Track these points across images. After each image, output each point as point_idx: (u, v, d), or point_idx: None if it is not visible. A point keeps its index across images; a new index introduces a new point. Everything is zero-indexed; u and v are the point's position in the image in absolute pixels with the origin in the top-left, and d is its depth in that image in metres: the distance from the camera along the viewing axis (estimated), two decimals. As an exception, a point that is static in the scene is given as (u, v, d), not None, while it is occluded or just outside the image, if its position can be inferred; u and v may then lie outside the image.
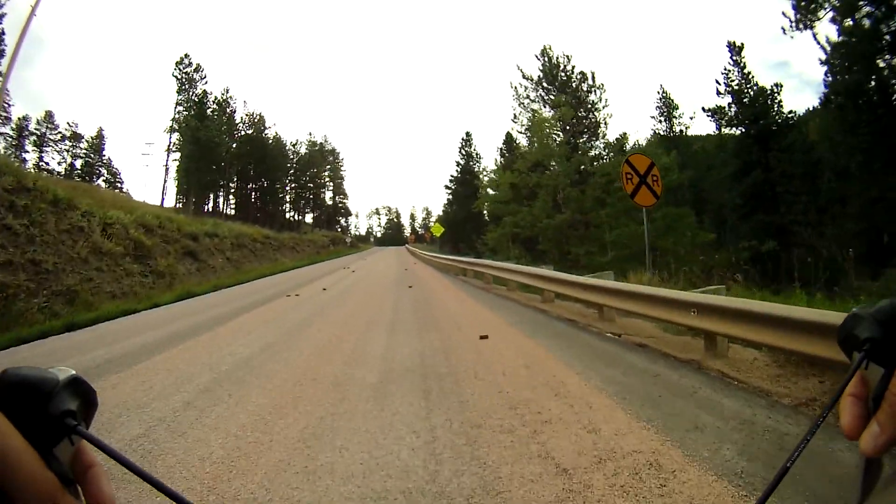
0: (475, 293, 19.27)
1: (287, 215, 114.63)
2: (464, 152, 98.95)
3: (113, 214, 25.82)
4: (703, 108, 46.33)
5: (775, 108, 44.60)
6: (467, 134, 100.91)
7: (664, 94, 56.66)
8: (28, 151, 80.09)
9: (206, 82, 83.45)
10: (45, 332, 12.93)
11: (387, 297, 18.20)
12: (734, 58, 47.07)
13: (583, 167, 43.32)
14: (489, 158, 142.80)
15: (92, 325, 14.14)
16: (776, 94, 44.71)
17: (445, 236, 63.62)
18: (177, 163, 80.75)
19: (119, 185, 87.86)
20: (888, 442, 0.62)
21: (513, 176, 44.66)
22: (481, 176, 70.67)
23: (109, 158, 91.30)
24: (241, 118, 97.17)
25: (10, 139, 75.36)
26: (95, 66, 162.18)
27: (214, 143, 78.04)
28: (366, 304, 16.31)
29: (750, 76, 46.28)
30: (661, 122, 57.21)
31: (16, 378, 0.61)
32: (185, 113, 79.55)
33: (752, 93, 45.36)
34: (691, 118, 50.31)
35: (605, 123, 47.15)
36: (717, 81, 47.12)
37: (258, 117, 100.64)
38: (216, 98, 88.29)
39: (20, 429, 0.57)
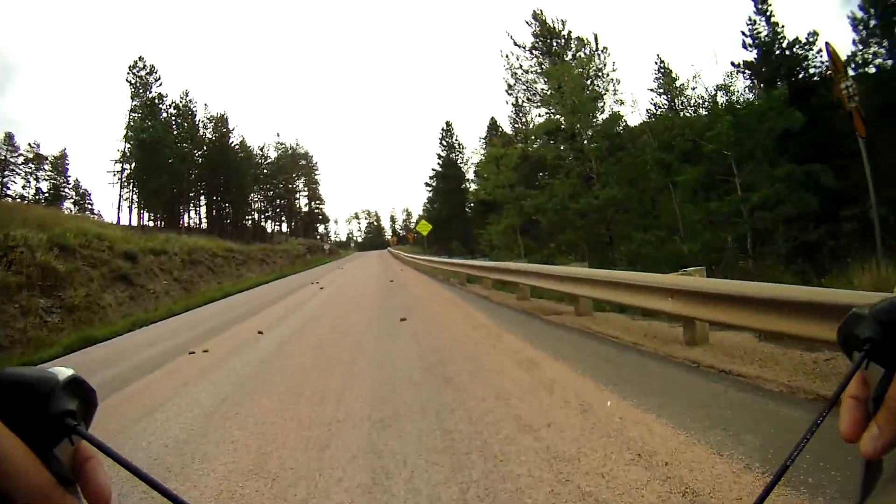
0: (530, 327, 10.81)
1: (262, 225, 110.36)
2: (445, 143, 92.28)
3: (18, 235, 21.39)
4: (732, 63, 39.37)
5: (813, 60, 37.60)
6: (447, 123, 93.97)
7: (662, 65, 49.41)
8: None
9: (160, 84, 77.80)
10: None
11: (361, 359, 9.20)
12: (759, 6, 40.22)
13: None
14: (473, 148, 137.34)
15: None
16: (812, 44, 37.57)
17: (432, 235, 56.93)
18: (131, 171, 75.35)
19: (89, 206, 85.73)
20: (888, 444, 0.62)
21: (528, 148, 37.97)
22: (474, 159, 67.46)
23: (77, 180, 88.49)
24: (202, 121, 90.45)
25: None
26: (56, 83, 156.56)
27: (159, 144, 71.04)
28: (318, 388, 7.54)
29: (780, 27, 39.45)
30: (660, 94, 49.92)
31: (15, 378, 0.60)
32: (137, 118, 73.68)
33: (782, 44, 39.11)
34: (693, 89, 43.60)
35: (615, 91, 41.11)
36: (744, 33, 40.50)
37: (219, 118, 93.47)
38: (173, 102, 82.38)
39: (19, 429, 0.56)
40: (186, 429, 6.30)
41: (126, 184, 74.22)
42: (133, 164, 72.74)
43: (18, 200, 63.02)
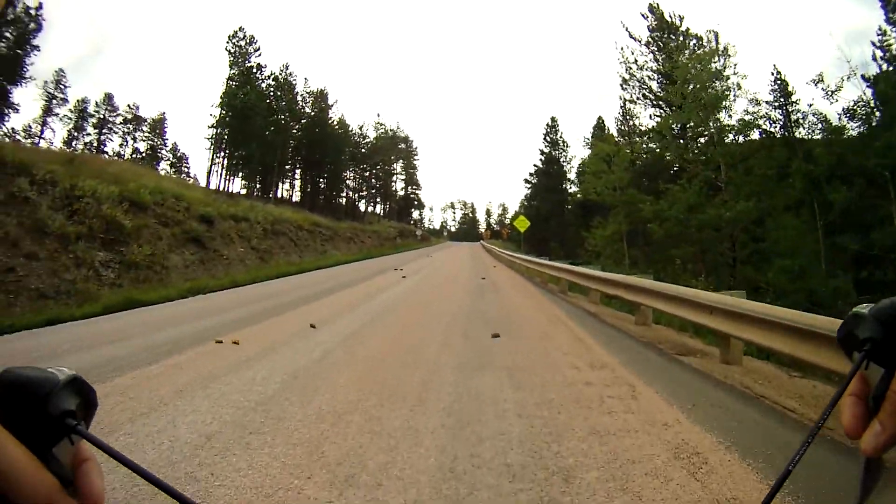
0: (669, 377, 7.44)
1: (356, 204, 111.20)
2: (549, 140, 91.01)
3: (87, 185, 20.79)
4: (863, 76, 34.70)
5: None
6: (552, 119, 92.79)
7: (778, 76, 44.63)
8: (89, 134, 78.67)
9: (259, 55, 77.76)
10: None
11: (430, 400, 6.06)
12: (890, 15, 34.61)
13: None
14: (581, 143, 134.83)
15: None
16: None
17: (528, 233, 54.37)
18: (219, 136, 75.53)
19: (185, 170, 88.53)
20: (889, 442, 0.62)
21: (643, 146, 34.92)
22: (578, 159, 67.39)
23: (175, 143, 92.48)
24: (301, 94, 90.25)
25: (69, 120, 74.94)
26: (162, 52, 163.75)
27: (251, 111, 69.90)
28: (350, 452, 4.51)
29: None
30: (776, 108, 45.17)
31: (15, 378, 0.59)
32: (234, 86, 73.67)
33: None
34: (810, 105, 39.16)
35: (734, 96, 35.11)
36: (874, 44, 34.83)
37: (319, 93, 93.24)
38: (272, 73, 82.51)
39: (20, 429, 0.56)
40: (128, 484, 3.49)
41: (218, 149, 74.71)
42: (225, 130, 72.79)
43: (106, 156, 63.51)
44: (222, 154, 75.00)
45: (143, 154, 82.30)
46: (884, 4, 35.04)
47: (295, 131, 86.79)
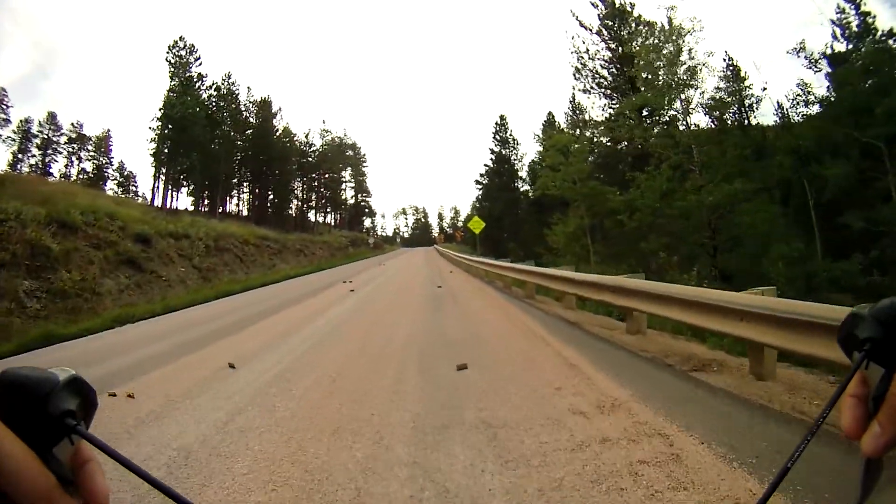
0: (707, 412, 5.60)
1: (307, 215, 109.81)
2: (498, 138, 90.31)
3: (10, 208, 20.12)
4: (823, 54, 35.42)
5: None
6: (501, 117, 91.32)
7: (730, 61, 44.61)
8: (34, 156, 79.19)
9: (199, 64, 76.31)
10: None
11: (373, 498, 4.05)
12: None
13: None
14: (527, 145, 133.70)
15: None
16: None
17: (482, 234, 52.93)
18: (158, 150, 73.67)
19: (133, 188, 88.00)
20: (889, 443, 0.63)
21: (616, 127, 34.34)
22: (528, 158, 66.91)
23: (122, 162, 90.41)
24: (245, 104, 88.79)
25: (12, 142, 75.92)
26: (104, 66, 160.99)
27: (187, 121, 68.17)
28: None
29: (871, 17, 34.30)
30: (729, 94, 45.58)
31: (15, 378, 0.60)
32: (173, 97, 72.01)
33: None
34: (764, 89, 39.89)
35: (693, 82, 33.39)
36: (834, 22, 35.61)
37: (262, 101, 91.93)
38: (214, 83, 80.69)
39: (20, 429, 0.58)
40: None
41: (160, 165, 73.16)
42: (164, 143, 71.38)
43: (52, 178, 64.57)
44: (164, 169, 73.38)
45: (90, 174, 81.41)
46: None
47: (240, 142, 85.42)
